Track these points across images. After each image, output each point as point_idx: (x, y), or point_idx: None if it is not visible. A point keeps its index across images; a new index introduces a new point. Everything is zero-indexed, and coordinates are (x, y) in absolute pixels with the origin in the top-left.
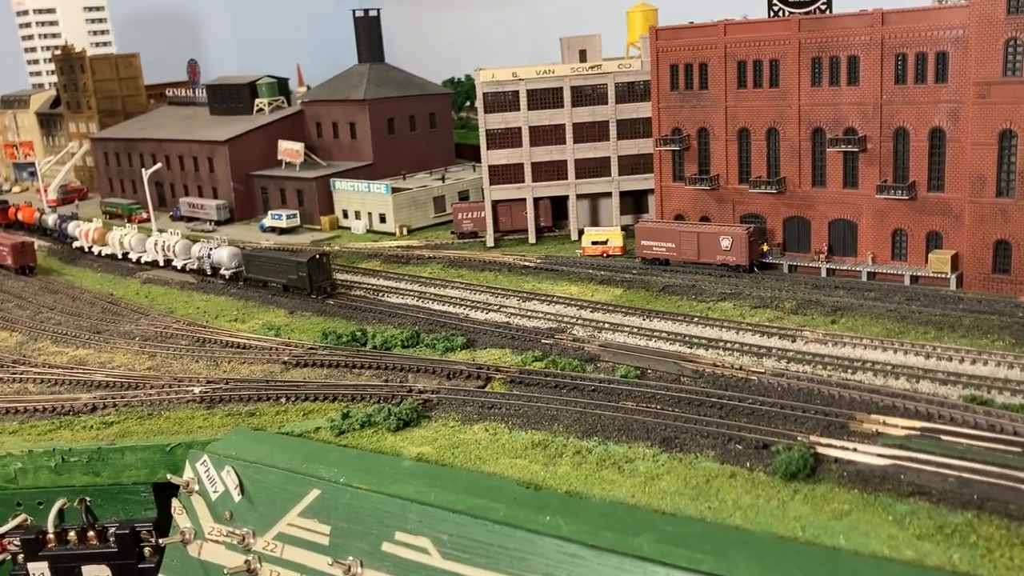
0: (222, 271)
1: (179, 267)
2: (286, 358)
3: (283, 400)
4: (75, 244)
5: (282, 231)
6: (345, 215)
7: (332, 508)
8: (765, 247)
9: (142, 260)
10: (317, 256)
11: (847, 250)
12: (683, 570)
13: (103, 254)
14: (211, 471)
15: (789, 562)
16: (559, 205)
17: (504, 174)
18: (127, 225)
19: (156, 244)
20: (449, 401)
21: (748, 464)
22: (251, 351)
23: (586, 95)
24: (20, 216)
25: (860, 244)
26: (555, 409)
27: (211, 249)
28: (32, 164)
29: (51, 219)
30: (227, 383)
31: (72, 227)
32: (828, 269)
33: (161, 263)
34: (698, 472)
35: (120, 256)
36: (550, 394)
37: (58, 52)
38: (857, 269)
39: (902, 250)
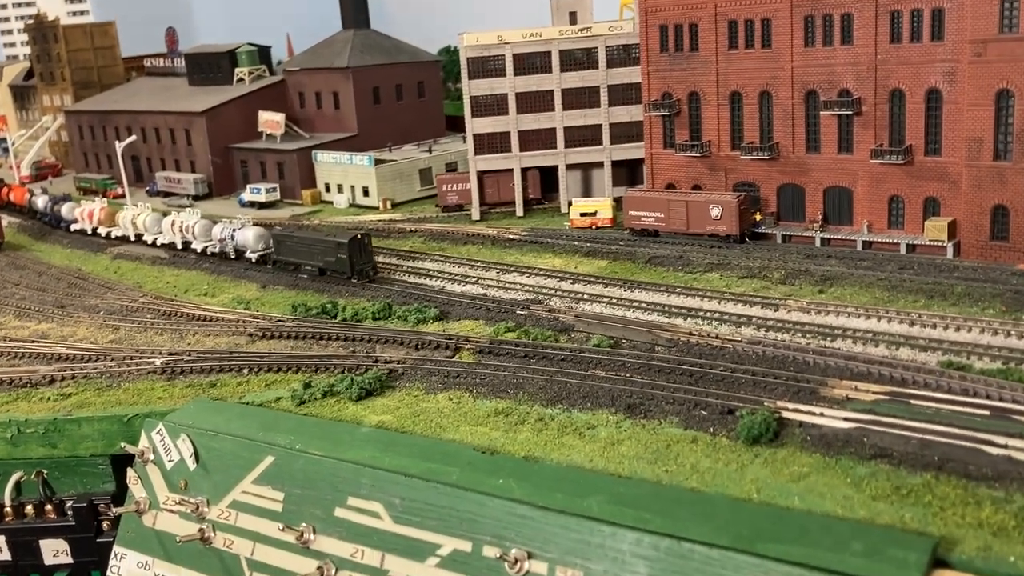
0: (247, 254)
1: (199, 250)
2: (252, 330)
3: (245, 371)
4: (73, 227)
5: (261, 205)
6: (327, 189)
7: (286, 475)
8: (758, 216)
9: (158, 242)
10: (358, 236)
11: (843, 218)
12: (630, 529)
13: (113, 236)
14: (166, 440)
15: (739, 521)
16: (549, 176)
17: (490, 143)
18: (140, 204)
19: (173, 225)
20: (415, 371)
21: (712, 429)
22: (217, 324)
23: (576, 59)
24: (12, 197)
25: (856, 212)
26: (521, 378)
27: (234, 230)
28: (4, 139)
29: (41, 201)
30: (189, 355)
31: (67, 209)
32: (823, 239)
33: (179, 245)
34: (660, 437)
35: (133, 238)
36: (518, 363)
37: (30, 21)
38: (852, 238)
39: (899, 218)
